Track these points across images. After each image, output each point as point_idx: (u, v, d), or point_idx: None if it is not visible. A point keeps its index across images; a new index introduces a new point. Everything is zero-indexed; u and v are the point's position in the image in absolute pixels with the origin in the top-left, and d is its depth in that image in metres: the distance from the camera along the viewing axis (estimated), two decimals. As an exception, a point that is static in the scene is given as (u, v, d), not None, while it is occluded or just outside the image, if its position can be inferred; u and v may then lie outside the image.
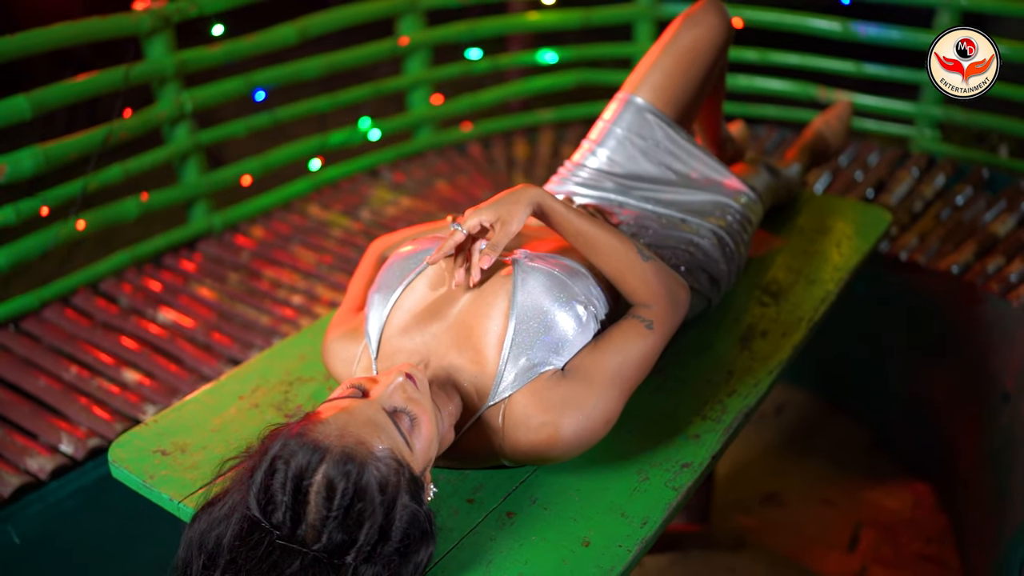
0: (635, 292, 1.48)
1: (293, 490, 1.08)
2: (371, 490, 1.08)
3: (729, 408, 1.59)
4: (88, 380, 2.26)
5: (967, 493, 2.60)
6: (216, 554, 1.09)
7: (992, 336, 2.55)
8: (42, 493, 1.97)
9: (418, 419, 1.22)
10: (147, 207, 2.73)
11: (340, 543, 1.08)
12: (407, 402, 1.22)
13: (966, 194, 3.05)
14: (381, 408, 1.19)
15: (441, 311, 1.46)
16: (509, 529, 1.34)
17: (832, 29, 3.41)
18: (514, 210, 1.42)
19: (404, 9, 3.28)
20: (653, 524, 1.35)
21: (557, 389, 1.37)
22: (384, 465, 1.12)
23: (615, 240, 1.47)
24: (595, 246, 1.47)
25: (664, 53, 1.87)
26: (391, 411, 1.20)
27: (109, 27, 2.54)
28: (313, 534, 1.07)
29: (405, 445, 1.18)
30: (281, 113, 3.05)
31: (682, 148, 1.90)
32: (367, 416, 1.17)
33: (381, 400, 1.20)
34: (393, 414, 1.20)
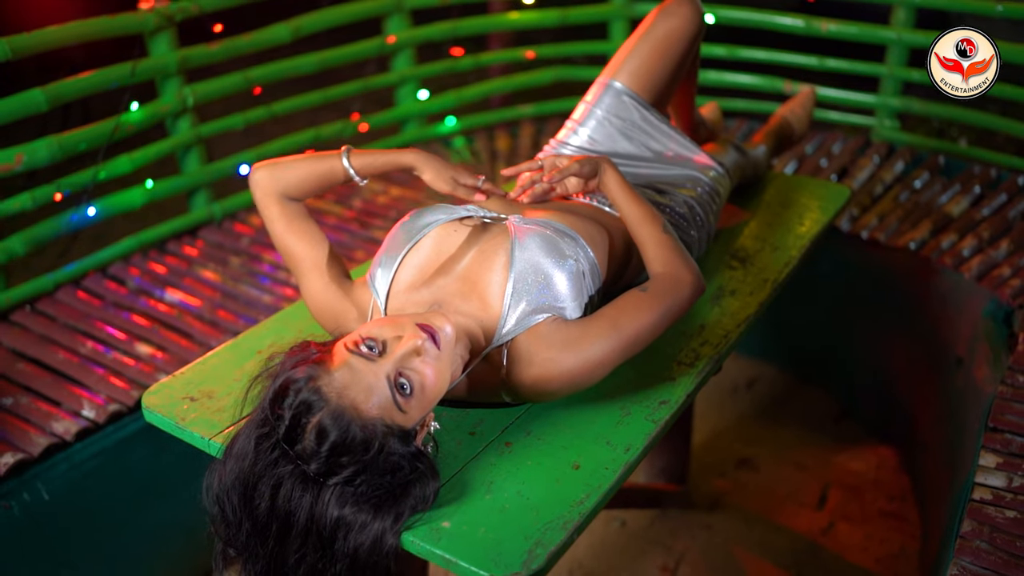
0: (651, 260, 1.69)
1: (293, 416, 1.28)
2: (355, 444, 1.27)
3: (701, 355, 1.76)
4: (104, 354, 2.40)
5: (925, 454, 2.78)
6: (235, 439, 1.33)
7: (946, 306, 2.74)
8: (68, 453, 2.12)
9: (422, 383, 1.35)
10: (152, 195, 2.88)
11: (327, 471, 1.27)
12: (418, 367, 1.36)
13: (923, 179, 3.26)
14: (385, 375, 1.32)
15: (446, 268, 1.62)
16: (507, 456, 1.51)
17: (796, 25, 3.61)
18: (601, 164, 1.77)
19: (391, 9, 3.45)
20: (635, 450, 1.52)
21: (558, 333, 1.54)
22: (370, 426, 1.29)
23: (650, 212, 1.73)
24: (636, 213, 1.73)
25: (641, 41, 2.05)
26: (397, 374, 1.33)
27: (117, 25, 2.69)
28: (306, 455, 1.27)
29: (397, 410, 1.33)
30: (276, 107, 3.21)
31: (656, 128, 2.08)
32: (368, 384, 1.31)
33: (393, 362, 1.34)
34: (398, 376, 1.34)
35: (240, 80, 3.07)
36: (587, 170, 1.78)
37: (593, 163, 1.76)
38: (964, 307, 2.65)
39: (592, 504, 1.41)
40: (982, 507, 1.79)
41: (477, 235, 1.65)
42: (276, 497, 1.29)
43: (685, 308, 1.65)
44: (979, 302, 2.58)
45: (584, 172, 1.78)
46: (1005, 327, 2.46)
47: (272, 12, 3.19)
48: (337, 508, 1.29)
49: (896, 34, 3.42)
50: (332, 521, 1.29)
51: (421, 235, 1.66)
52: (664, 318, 1.61)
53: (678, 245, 1.71)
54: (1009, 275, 2.60)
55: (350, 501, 1.29)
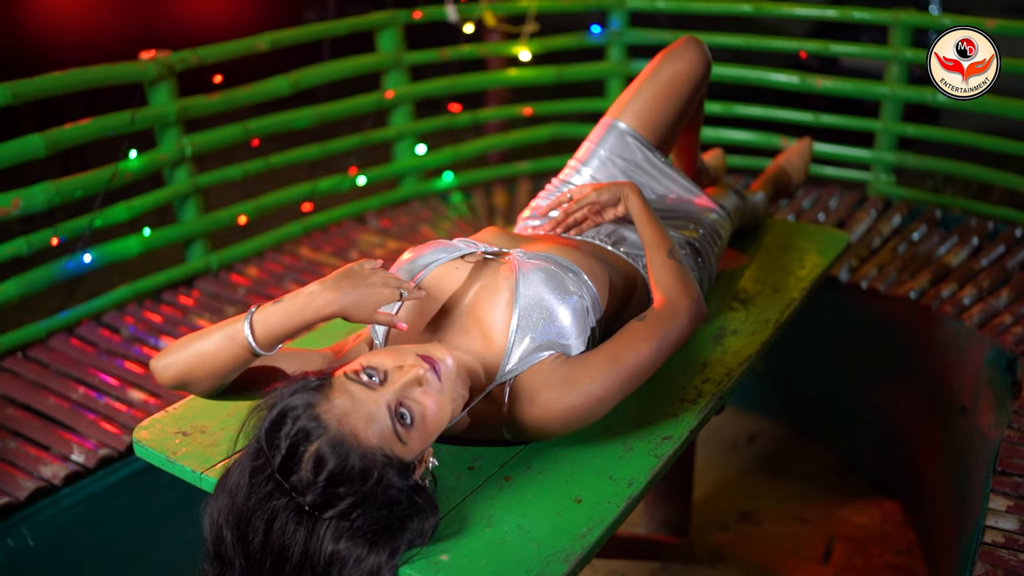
0: (652, 285, 1.70)
1: (290, 445, 1.24)
2: (353, 474, 1.23)
3: (704, 392, 1.73)
4: (96, 399, 2.36)
5: (932, 505, 2.73)
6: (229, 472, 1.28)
7: (948, 355, 2.72)
8: (55, 498, 2.07)
9: (423, 414, 1.32)
10: (148, 244, 2.87)
11: (323, 503, 1.23)
12: (419, 397, 1.33)
13: (921, 231, 3.26)
14: (386, 404, 1.29)
15: (448, 306, 1.60)
16: (508, 490, 1.47)
17: (791, 82, 3.66)
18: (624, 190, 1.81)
19: (390, 65, 3.48)
20: (638, 485, 1.48)
21: (559, 370, 1.51)
22: (370, 456, 1.25)
23: (658, 237, 1.76)
24: (645, 236, 1.77)
25: (646, 83, 2.06)
26: (397, 404, 1.30)
27: (117, 74, 2.71)
28: (302, 486, 1.23)
29: (397, 440, 1.29)
30: (274, 160, 3.22)
31: (659, 170, 2.08)
32: (368, 412, 1.28)
33: (394, 391, 1.31)
34: (399, 407, 1.30)
35: (239, 131, 3.08)
36: (606, 198, 1.81)
37: (613, 190, 1.81)
38: (966, 355, 2.63)
39: (595, 537, 1.36)
40: (994, 550, 1.75)
41: (479, 271, 1.64)
42: (270, 532, 1.25)
43: (685, 334, 1.63)
44: (981, 350, 2.56)
45: (603, 200, 1.81)
46: (1008, 374, 2.44)
47: (272, 65, 3.22)
48: (332, 543, 1.24)
49: (890, 90, 3.46)
50: (327, 556, 1.24)
51: (422, 276, 1.64)
52: (663, 345, 1.58)
53: (680, 270, 1.70)
54: (1011, 323, 2.58)
55: (345, 535, 1.25)
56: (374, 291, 1.42)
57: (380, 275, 1.45)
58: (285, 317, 1.41)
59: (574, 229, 1.91)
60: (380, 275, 1.45)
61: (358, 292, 1.41)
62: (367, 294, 1.42)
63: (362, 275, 1.44)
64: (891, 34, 3.43)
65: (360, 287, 1.42)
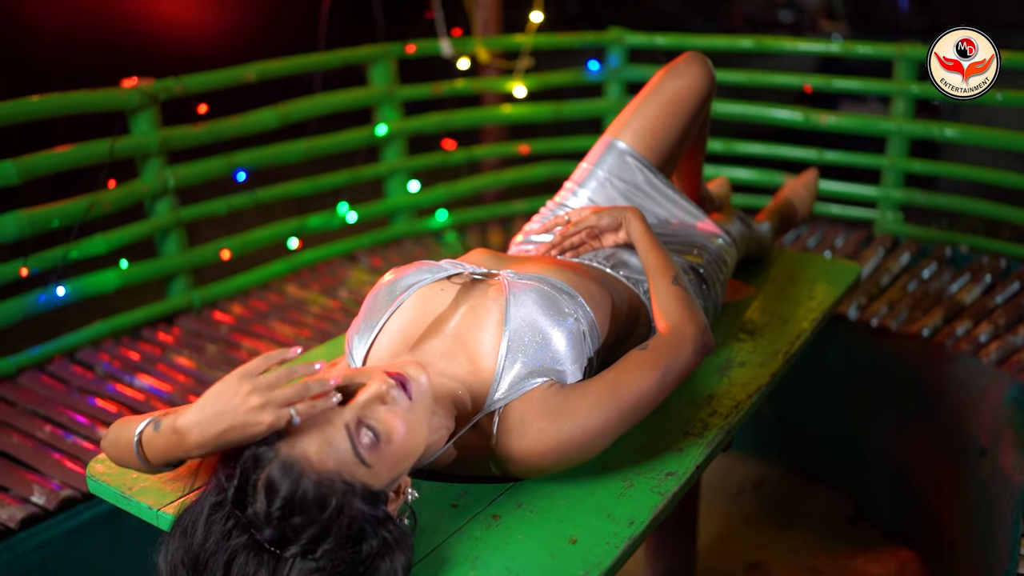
0: (655, 314, 1.57)
1: (241, 473, 1.12)
2: (307, 500, 1.09)
3: (711, 425, 1.60)
4: (63, 438, 2.23)
5: (952, 554, 2.58)
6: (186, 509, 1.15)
7: (965, 394, 2.58)
8: (10, 543, 1.92)
9: (388, 435, 1.18)
10: (127, 278, 2.75)
11: (282, 538, 1.10)
12: (383, 416, 1.19)
13: (931, 268, 3.14)
14: (343, 424, 1.16)
15: (432, 330, 1.46)
16: (495, 530, 1.33)
17: (794, 119, 3.57)
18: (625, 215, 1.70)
19: (382, 99, 3.39)
20: (640, 524, 1.34)
21: (553, 399, 1.38)
22: (327, 482, 1.11)
23: (662, 263, 1.64)
24: (649, 263, 1.65)
25: (647, 100, 1.94)
26: (357, 423, 1.17)
27: (98, 100, 2.62)
28: (259, 520, 1.10)
29: (359, 464, 1.15)
30: (261, 195, 3.11)
31: (661, 192, 1.96)
32: (324, 433, 1.15)
33: (354, 408, 1.18)
34: (358, 426, 1.17)
35: (224, 164, 2.97)
36: (606, 222, 1.71)
37: (614, 214, 1.71)
38: (984, 394, 2.50)
39: (592, 582, 1.22)
40: (1029, 599, 1.60)
41: (466, 292, 1.51)
42: (229, 574, 1.11)
43: (690, 365, 1.50)
44: (1001, 388, 2.43)
45: (603, 225, 1.72)
46: (1031, 413, 2.30)
47: (260, 97, 3.13)
48: None
49: (896, 125, 3.37)
50: None
51: (404, 298, 1.51)
52: (667, 377, 1.45)
53: (686, 297, 1.57)
54: (1031, 359, 2.46)
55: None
56: (250, 422, 1.10)
57: (258, 397, 1.10)
58: (163, 452, 1.19)
59: (570, 252, 1.79)
60: (258, 397, 1.10)
61: (228, 426, 1.11)
62: (242, 428, 1.10)
63: (236, 398, 1.10)
64: (896, 68, 3.34)
65: (229, 418, 1.10)
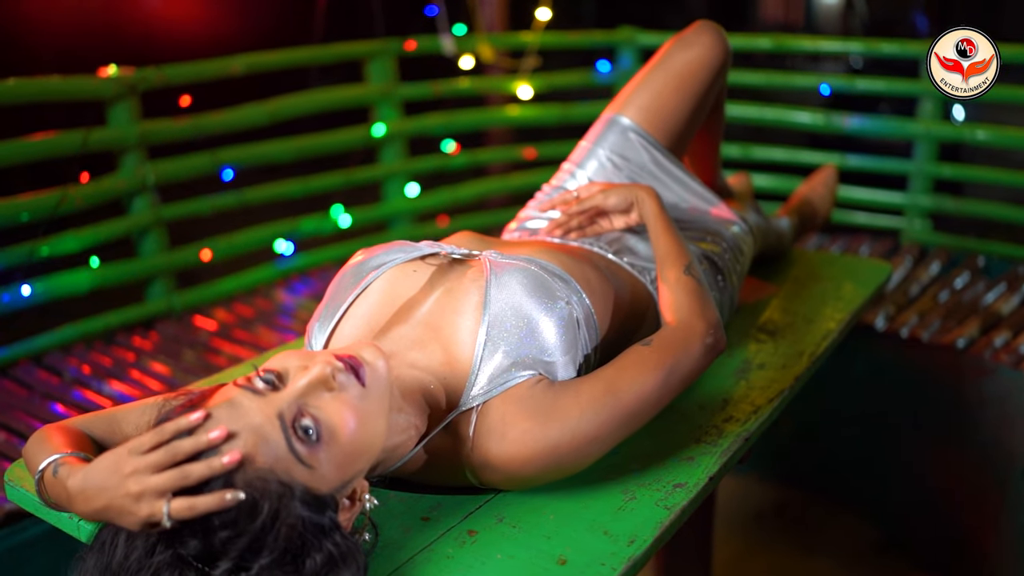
0: (663, 306, 1.40)
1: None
2: (235, 507, 0.91)
3: (726, 433, 1.40)
4: (16, 446, 2.04)
5: (991, 586, 2.36)
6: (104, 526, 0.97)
7: (1004, 409, 2.37)
8: (-54, 561, 1.73)
9: (332, 428, 1.00)
10: (101, 279, 2.57)
11: (208, 552, 0.93)
12: (327, 405, 1.01)
13: (964, 278, 2.93)
14: (277, 414, 0.97)
15: (401, 315, 1.28)
16: (470, 548, 1.13)
17: (816, 122, 3.38)
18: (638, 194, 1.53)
19: (380, 98, 3.22)
20: (642, 543, 1.14)
21: (540, 398, 1.18)
22: (259, 482, 0.93)
23: (674, 250, 1.46)
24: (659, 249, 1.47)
25: (653, 73, 1.75)
26: (296, 414, 0.98)
27: (72, 88, 2.47)
28: (184, 534, 0.93)
29: (297, 463, 0.97)
30: (249, 195, 2.93)
31: (669, 174, 1.77)
32: (253, 424, 0.96)
33: (291, 394, 0.99)
34: (297, 417, 0.98)
35: (208, 161, 2.80)
36: (614, 202, 1.55)
37: (625, 193, 1.54)
38: (1027, 410, 2.28)
39: (583, 610, 1.02)
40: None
41: (443, 274, 1.32)
42: None
43: (699, 365, 1.30)
44: (1046, 403, 2.22)
45: (611, 204, 1.55)
46: (1081, 429, 2.09)
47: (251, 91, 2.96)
48: None
49: (924, 127, 3.17)
50: None
51: (371, 279, 1.32)
52: (671, 378, 1.26)
53: (698, 289, 1.38)
54: (1079, 372, 2.24)
55: None
56: (125, 510, 0.92)
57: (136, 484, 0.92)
58: (57, 501, 1.02)
59: (575, 233, 1.60)
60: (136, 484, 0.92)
61: (105, 505, 0.94)
62: (118, 513, 0.93)
63: (115, 477, 0.94)
64: (922, 68, 3.15)
65: (107, 497, 0.94)
